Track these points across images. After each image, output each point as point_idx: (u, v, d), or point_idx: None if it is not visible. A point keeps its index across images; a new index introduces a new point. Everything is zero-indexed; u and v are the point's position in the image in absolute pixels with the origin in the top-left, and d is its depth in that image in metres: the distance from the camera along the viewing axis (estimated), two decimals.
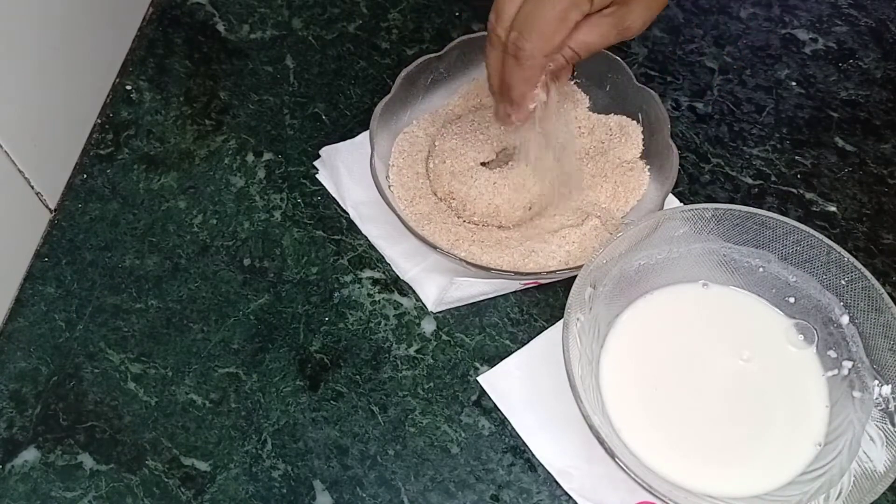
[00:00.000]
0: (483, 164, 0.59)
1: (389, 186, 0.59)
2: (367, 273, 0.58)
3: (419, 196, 0.59)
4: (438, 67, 0.62)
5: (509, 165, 0.58)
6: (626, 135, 0.61)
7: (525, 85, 0.49)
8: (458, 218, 0.58)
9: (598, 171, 0.60)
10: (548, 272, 0.54)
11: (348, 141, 0.63)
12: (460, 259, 0.54)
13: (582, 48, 0.47)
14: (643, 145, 0.60)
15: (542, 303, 0.57)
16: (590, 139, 0.62)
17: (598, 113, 0.63)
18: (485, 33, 0.61)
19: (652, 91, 0.59)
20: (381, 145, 0.58)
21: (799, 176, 0.63)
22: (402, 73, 0.60)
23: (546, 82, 0.49)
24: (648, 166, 0.60)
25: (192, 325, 0.56)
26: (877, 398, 0.49)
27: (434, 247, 0.54)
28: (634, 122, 0.61)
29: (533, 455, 0.51)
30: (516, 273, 0.54)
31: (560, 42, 0.46)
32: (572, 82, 0.62)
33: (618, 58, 0.61)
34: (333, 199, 0.61)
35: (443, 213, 0.58)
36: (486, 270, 0.54)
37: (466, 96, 0.64)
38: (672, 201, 0.61)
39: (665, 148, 0.58)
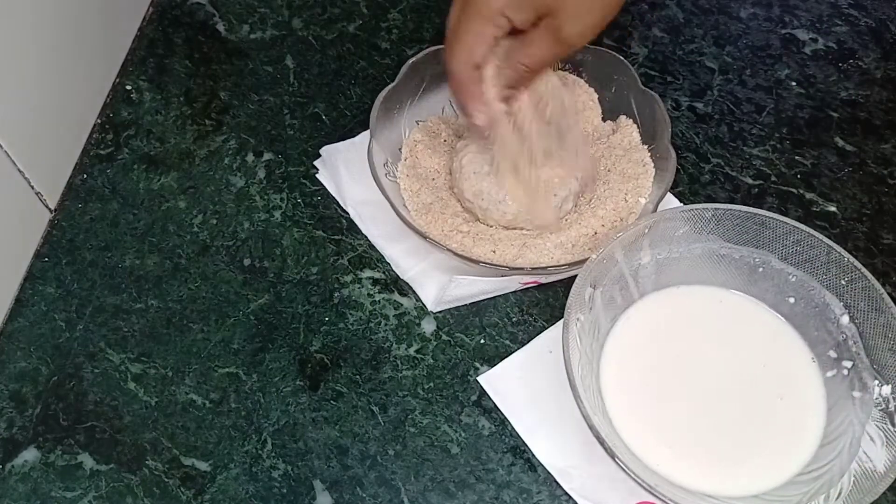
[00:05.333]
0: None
1: (395, 175, 0.59)
2: (367, 273, 0.58)
3: (426, 188, 0.59)
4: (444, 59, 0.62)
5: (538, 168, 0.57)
6: (620, 125, 0.62)
7: (460, 96, 0.53)
8: (477, 221, 0.58)
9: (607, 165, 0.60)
10: (533, 268, 0.54)
11: (348, 141, 0.63)
12: (449, 250, 0.54)
13: (530, 62, 0.51)
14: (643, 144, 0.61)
15: (542, 303, 0.57)
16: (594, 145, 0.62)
17: (602, 115, 0.63)
18: None
19: (656, 95, 0.59)
20: (382, 133, 0.58)
21: (799, 176, 0.63)
22: (408, 63, 0.60)
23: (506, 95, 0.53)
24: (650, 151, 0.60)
25: (192, 325, 0.56)
26: (877, 398, 0.49)
27: (424, 237, 0.54)
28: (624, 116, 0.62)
29: (533, 455, 0.51)
30: (504, 266, 0.54)
31: (480, 56, 0.51)
32: (582, 80, 0.63)
33: (624, 60, 0.61)
34: (333, 199, 0.61)
35: (444, 206, 0.58)
36: (475, 263, 0.54)
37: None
38: (672, 201, 0.61)
39: (664, 152, 0.58)
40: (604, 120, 0.63)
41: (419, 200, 0.58)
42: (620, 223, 0.57)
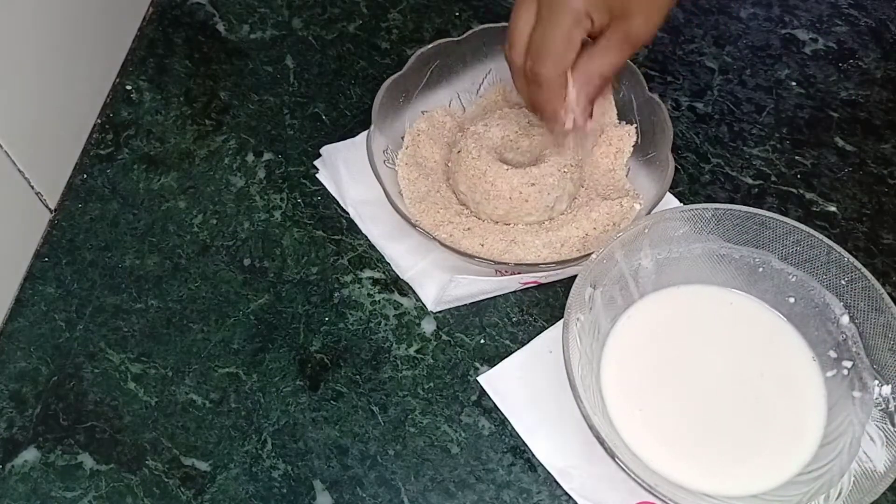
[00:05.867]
0: (504, 161, 0.58)
1: (395, 163, 0.59)
2: (367, 273, 0.58)
3: (424, 178, 0.59)
4: (456, 52, 0.62)
5: (534, 166, 0.57)
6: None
7: (550, 104, 0.52)
8: (468, 210, 0.58)
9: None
10: (517, 263, 0.54)
11: (348, 140, 0.63)
12: (435, 239, 0.54)
13: (608, 70, 0.51)
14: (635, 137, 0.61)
15: (542, 303, 0.57)
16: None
17: None
18: (504, 24, 0.62)
19: (661, 102, 0.59)
20: (385, 121, 0.59)
21: (799, 176, 0.63)
22: (417, 52, 0.60)
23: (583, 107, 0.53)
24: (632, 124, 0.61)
25: (192, 325, 0.56)
26: (877, 398, 0.49)
27: (413, 225, 0.54)
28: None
29: (533, 455, 0.51)
30: (489, 260, 0.54)
31: (571, 61, 0.50)
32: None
33: (632, 64, 0.61)
34: (333, 199, 0.61)
35: (439, 197, 0.58)
36: (462, 255, 0.54)
37: (503, 92, 0.64)
38: (672, 201, 0.61)
39: (664, 158, 0.58)
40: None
41: (415, 189, 0.58)
42: (612, 227, 0.57)
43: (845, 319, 0.51)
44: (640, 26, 0.49)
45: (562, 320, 0.49)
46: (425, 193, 0.58)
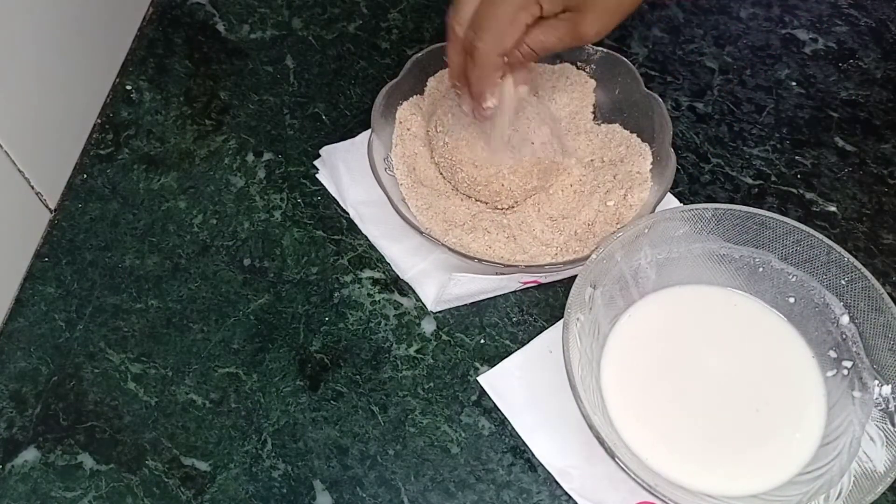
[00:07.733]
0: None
1: (390, 169, 0.59)
2: (367, 273, 0.58)
3: (418, 182, 0.59)
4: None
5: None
6: (634, 147, 0.61)
7: (481, 82, 0.51)
8: (456, 192, 0.58)
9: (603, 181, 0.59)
10: (525, 265, 0.54)
11: (348, 140, 0.63)
12: (443, 245, 0.54)
13: (538, 47, 0.50)
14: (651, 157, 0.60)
15: (542, 303, 0.57)
16: (600, 149, 0.62)
17: (605, 115, 0.63)
18: None
19: (658, 98, 0.59)
20: (384, 129, 0.59)
21: (799, 176, 0.63)
22: (412, 59, 0.60)
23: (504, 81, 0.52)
24: (652, 177, 0.59)
25: (192, 325, 0.56)
26: (877, 398, 0.49)
27: (420, 231, 0.54)
28: (639, 138, 0.61)
29: (533, 455, 0.51)
30: (498, 263, 0.54)
31: (512, 43, 0.50)
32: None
33: (627, 62, 0.61)
34: (333, 199, 0.61)
35: (444, 199, 0.58)
36: (471, 260, 0.54)
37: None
38: (672, 201, 0.61)
39: (665, 155, 0.58)
40: (606, 121, 0.63)
41: (418, 196, 0.58)
42: (618, 212, 0.57)
43: (845, 319, 0.51)
44: (590, 24, 0.49)
45: (562, 320, 0.49)
46: (427, 197, 0.58)
